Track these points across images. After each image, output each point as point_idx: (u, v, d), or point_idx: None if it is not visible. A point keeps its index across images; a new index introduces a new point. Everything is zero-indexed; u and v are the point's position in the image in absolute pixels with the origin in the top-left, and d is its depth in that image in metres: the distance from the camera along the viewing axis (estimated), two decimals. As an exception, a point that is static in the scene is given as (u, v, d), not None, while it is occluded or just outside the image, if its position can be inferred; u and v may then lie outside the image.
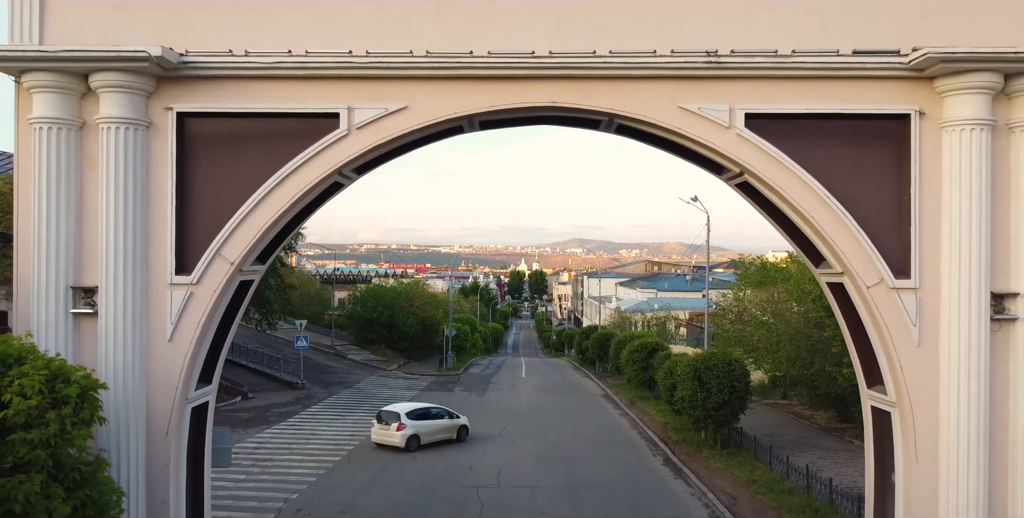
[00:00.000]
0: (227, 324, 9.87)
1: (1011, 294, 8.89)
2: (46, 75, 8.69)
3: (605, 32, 8.94)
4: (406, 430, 23.64)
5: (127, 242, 8.89)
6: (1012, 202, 8.89)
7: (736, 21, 8.95)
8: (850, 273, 9.15)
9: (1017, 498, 8.87)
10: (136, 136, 8.94)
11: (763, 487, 18.88)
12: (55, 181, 8.81)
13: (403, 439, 23.49)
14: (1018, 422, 8.88)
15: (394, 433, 23.53)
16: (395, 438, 23.50)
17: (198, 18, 9.04)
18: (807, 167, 9.04)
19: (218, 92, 9.08)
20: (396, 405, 26.06)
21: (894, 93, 8.97)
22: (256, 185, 9.12)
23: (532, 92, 9.05)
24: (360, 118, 9.07)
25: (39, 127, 8.78)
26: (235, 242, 9.12)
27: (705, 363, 23.43)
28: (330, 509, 16.89)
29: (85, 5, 8.99)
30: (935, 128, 8.95)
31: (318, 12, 9.03)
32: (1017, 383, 8.89)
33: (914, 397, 9.02)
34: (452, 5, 9.00)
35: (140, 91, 8.90)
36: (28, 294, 8.88)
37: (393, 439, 23.55)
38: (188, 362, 9.16)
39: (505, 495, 18.38)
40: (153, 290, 9.10)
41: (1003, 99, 8.86)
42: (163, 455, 9.05)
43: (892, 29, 8.88)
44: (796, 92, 9.01)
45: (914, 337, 9.00)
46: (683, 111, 9.04)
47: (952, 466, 8.84)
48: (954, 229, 8.83)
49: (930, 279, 8.97)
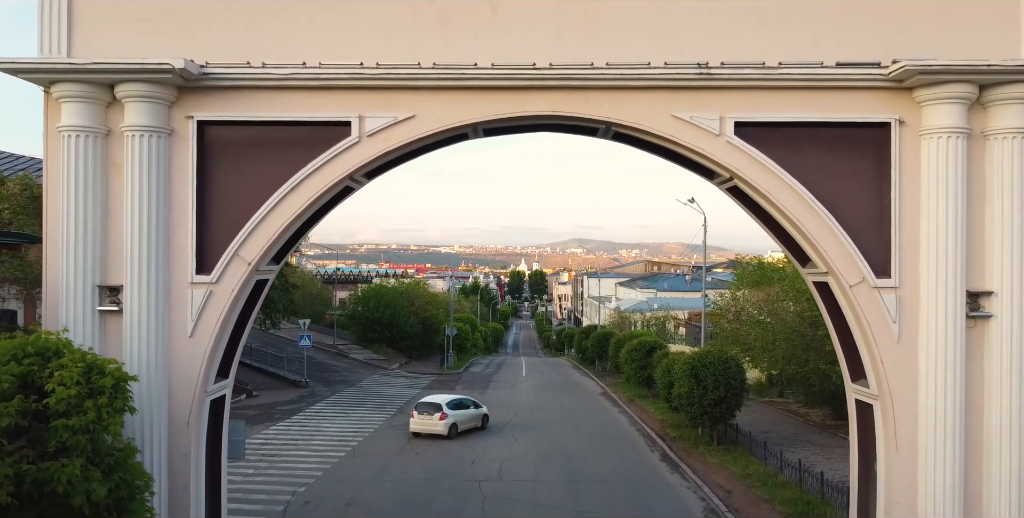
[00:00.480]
0: (243, 321, 10.39)
1: (985, 292, 9.41)
2: (74, 86, 9.21)
3: (602, 45, 9.45)
4: (448, 419, 25.73)
5: (150, 243, 9.40)
6: (987, 205, 9.40)
7: (726, 35, 9.46)
8: (834, 273, 9.67)
9: (992, 485, 9.38)
10: (159, 143, 9.46)
11: (757, 481, 19.41)
12: (82, 186, 9.32)
13: (445, 427, 25.57)
14: (992, 414, 9.39)
15: (437, 422, 25.59)
16: (438, 427, 25.56)
17: (217, 31, 9.55)
18: (793, 173, 9.55)
19: (236, 101, 9.59)
20: (433, 397, 28.00)
21: (875, 103, 9.49)
22: (272, 189, 9.63)
23: (533, 101, 9.57)
24: (370, 126, 9.59)
25: (67, 135, 9.30)
26: (252, 243, 9.64)
27: (701, 361, 23.95)
28: (337, 502, 17.42)
29: (111, 19, 9.50)
30: (914, 136, 9.46)
31: (331, 26, 9.54)
32: (991, 377, 9.40)
33: (894, 390, 9.53)
34: (457, 20, 9.52)
35: (163, 101, 9.41)
36: (57, 292, 9.39)
37: (436, 428, 25.59)
38: (207, 357, 9.68)
39: (506, 488, 18.91)
40: (175, 289, 9.62)
41: (978, 108, 9.37)
42: (184, 445, 9.58)
43: (873, 42, 9.40)
44: (783, 102, 9.52)
45: (894, 333, 9.51)
46: (676, 119, 9.55)
47: (930, 455, 9.35)
48: (932, 231, 9.34)
49: (909, 278, 9.49)
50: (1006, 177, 9.25)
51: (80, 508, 6.58)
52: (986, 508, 9.39)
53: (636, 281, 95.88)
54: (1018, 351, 9.25)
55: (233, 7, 9.56)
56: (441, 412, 25.85)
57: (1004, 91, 9.13)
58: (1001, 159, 9.27)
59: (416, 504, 17.42)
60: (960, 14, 9.39)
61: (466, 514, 16.71)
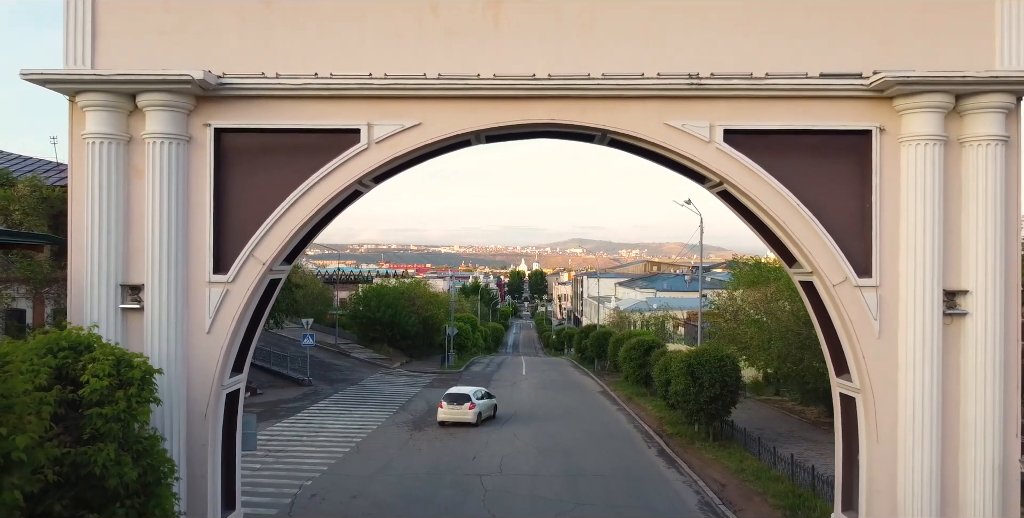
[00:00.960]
0: (257, 318, 10.92)
1: (961, 291, 9.93)
2: (99, 96, 9.74)
3: (598, 57, 9.97)
4: (476, 408, 28.18)
5: (170, 244, 9.93)
6: (963, 209, 9.93)
7: (715, 47, 9.98)
8: (818, 272, 10.19)
9: (967, 474, 9.90)
10: (178, 149, 9.99)
11: (751, 475, 19.93)
12: (106, 190, 9.85)
13: (474, 416, 28.01)
14: (968, 406, 9.91)
15: (467, 411, 27.97)
16: (468, 415, 27.94)
17: (233, 43, 10.07)
18: (780, 177, 10.07)
19: (251, 110, 10.12)
20: (458, 389, 30.31)
21: (857, 111, 10.02)
22: (285, 193, 10.16)
23: (533, 110, 10.09)
24: (379, 133, 10.11)
25: (91, 141, 9.82)
26: (267, 244, 10.16)
27: (698, 359, 24.46)
28: (343, 495, 17.92)
29: (132, 32, 10.02)
30: (894, 143, 9.98)
31: (341, 39, 10.06)
32: (967, 371, 9.92)
33: (875, 384, 10.06)
34: (461, 33, 10.04)
35: (182, 109, 9.94)
36: (81, 291, 9.92)
37: (466, 416, 27.93)
38: (224, 352, 10.20)
39: (507, 482, 19.43)
40: (193, 287, 10.15)
41: (955, 117, 9.90)
42: (202, 435, 10.10)
43: (855, 54, 9.92)
44: (770, 110, 10.05)
45: (875, 330, 10.03)
46: (668, 127, 10.08)
47: (909, 446, 9.87)
48: (911, 233, 9.86)
49: (889, 278, 10.01)
50: (981, 182, 9.77)
51: (115, 489, 7.11)
52: (962, 496, 9.91)
53: (636, 281, 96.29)
54: (992, 347, 9.78)
55: (248, 20, 10.08)
56: (470, 402, 28.18)
57: (979, 101, 9.65)
58: (976, 165, 9.80)
59: (419, 497, 17.93)
60: (938, 27, 9.91)
61: (468, 507, 17.23)
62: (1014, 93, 9.65)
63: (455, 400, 28.37)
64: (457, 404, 28.16)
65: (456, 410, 28.07)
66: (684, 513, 17.19)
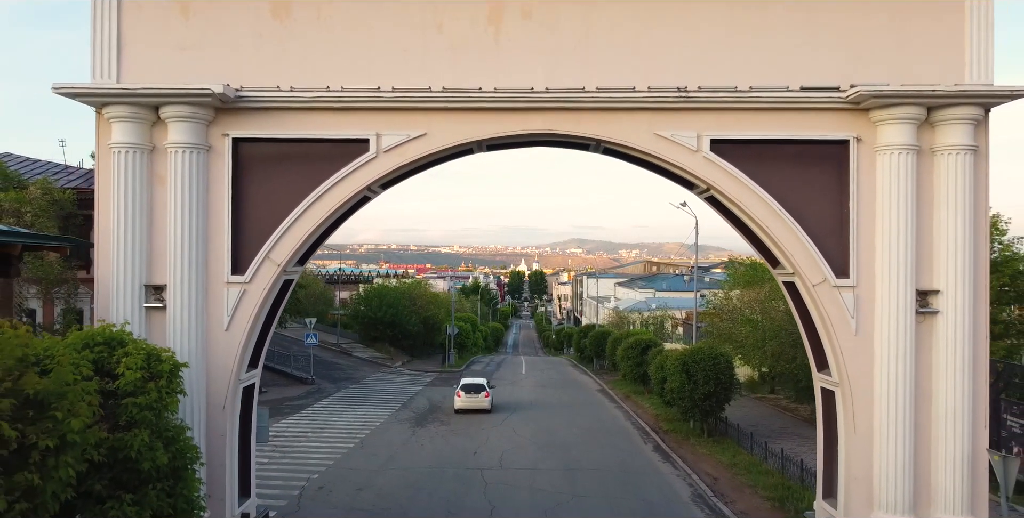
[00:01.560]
0: (271, 316, 11.58)
1: (933, 291, 10.58)
2: (124, 108, 10.39)
3: (592, 71, 10.63)
4: (490, 397, 30.98)
5: (191, 247, 10.59)
6: (934, 213, 10.58)
7: (702, 62, 10.64)
8: (799, 273, 10.84)
9: (939, 463, 10.55)
10: (198, 158, 10.64)
11: (743, 469, 20.58)
12: (130, 196, 10.50)
13: (490, 403, 30.79)
14: (940, 400, 10.56)
15: (483, 400, 30.62)
16: (484, 403, 30.61)
17: (250, 58, 10.72)
18: (763, 184, 10.72)
19: (267, 121, 10.77)
20: (472, 379, 32.42)
21: (835, 122, 10.67)
22: (299, 199, 10.81)
23: (532, 121, 10.75)
24: (386, 143, 10.76)
25: (117, 151, 10.48)
26: (281, 247, 10.82)
27: (692, 357, 25.10)
28: (349, 487, 18.58)
29: (154, 47, 10.68)
30: (870, 151, 10.64)
31: (352, 54, 10.71)
32: (939, 367, 10.57)
33: (852, 378, 10.72)
34: (464, 49, 10.69)
35: (202, 120, 10.59)
36: (107, 291, 10.57)
37: (483, 404, 30.57)
38: (241, 349, 10.86)
39: (507, 476, 20.07)
40: (212, 287, 10.81)
41: (927, 127, 10.55)
42: (220, 426, 10.76)
43: (833, 69, 10.58)
44: (754, 121, 10.71)
45: (852, 327, 10.69)
46: (658, 137, 10.73)
47: (884, 436, 10.53)
48: (886, 236, 10.52)
49: (865, 278, 10.67)
50: (951, 188, 10.43)
51: (148, 472, 7.77)
52: (934, 483, 10.57)
53: (635, 281, 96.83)
54: (962, 343, 10.43)
55: (264, 36, 10.73)
56: (485, 391, 30.84)
57: (949, 112, 10.31)
58: (947, 172, 10.46)
59: (423, 489, 18.58)
60: (912, 43, 10.56)
61: (470, 498, 17.88)
62: (982, 105, 10.31)
63: (472, 390, 30.70)
64: (474, 393, 30.58)
65: (473, 399, 30.46)
66: (677, 505, 17.85)
